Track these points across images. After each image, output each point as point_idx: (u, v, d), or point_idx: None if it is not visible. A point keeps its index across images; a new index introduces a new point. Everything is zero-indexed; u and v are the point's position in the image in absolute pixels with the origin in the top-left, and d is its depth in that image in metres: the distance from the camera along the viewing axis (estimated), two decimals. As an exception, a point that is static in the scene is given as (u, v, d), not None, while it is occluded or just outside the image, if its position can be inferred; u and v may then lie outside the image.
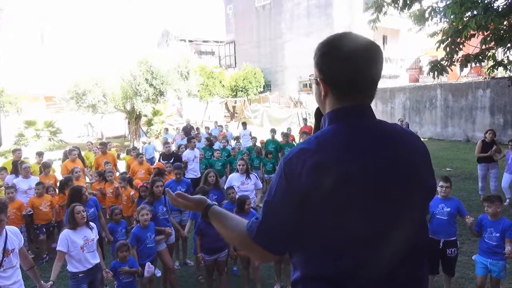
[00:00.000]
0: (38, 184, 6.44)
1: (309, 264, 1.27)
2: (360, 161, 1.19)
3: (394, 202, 1.21)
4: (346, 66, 1.24)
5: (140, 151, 10.05)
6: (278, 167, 1.28)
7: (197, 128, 15.80)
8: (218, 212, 1.49)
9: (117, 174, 8.01)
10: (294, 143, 10.83)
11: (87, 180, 8.12)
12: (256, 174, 6.74)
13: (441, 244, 4.35)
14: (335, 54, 1.26)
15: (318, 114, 1.44)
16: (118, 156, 10.89)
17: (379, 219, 1.20)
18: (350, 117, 1.27)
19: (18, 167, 7.04)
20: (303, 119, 16.42)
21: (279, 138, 10.90)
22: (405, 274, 1.25)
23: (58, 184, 6.91)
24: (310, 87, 24.54)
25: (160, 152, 10.18)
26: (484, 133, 8.29)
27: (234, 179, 6.26)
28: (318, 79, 1.33)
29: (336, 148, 1.20)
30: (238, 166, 6.39)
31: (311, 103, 23.86)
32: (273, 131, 10.91)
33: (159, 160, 9.14)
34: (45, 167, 7.39)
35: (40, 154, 8.47)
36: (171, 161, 8.32)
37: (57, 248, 4.06)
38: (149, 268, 4.48)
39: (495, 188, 7.92)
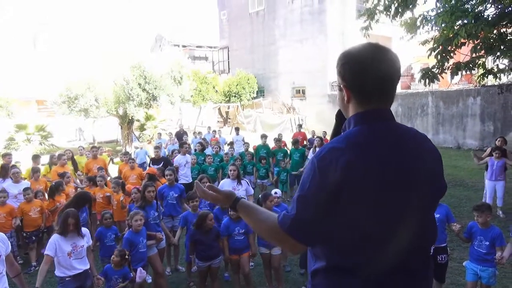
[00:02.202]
0: (26, 189, 6.24)
1: (334, 255, 1.36)
2: (387, 160, 1.30)
3: (415, 201, 1.33)
4: (367, 74, 1.36)
5: (132, 156, 10.01)
6: (309, 164, 1.37)
7: (199, 133, 15.58)
8: (247, 205, 1.59)
9: (109, 179, 7.94)
10: (286, 148, 10.83)
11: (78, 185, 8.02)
12: (247, 180, 6.73)
13: (431, 251, 4.37)
14: (356, 62, 1.38)
15: (339, 116, 1.61)
16: (112, 160, 10.82)
17: (402, 215, 1.31)
18: (373, 119, 1.38)
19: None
20: (299, 125, 16.29)
21: (270, 143, 10.89)
22: (418, 270, 1.38)
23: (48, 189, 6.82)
24: (303, 93, 24.76)
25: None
26: (495, 141, 8.18)
27: (225, 185, 6.23)
28: (341, 86, 1.44)
29: (364, 148, 1.31)
30: (229, 172, 6.38)
31: (304, 109, 23.96)
32: (264, 136, 10.87)
33: (149, 165, 9.13)
34: (34, 172, 7.26)
35: (36, 158, 8.29)
36: (160, 165, 8.32)
37: (45, 252, 4.02)
38: (140, 273, 4.44)
39: (502, 196, 7.67)
